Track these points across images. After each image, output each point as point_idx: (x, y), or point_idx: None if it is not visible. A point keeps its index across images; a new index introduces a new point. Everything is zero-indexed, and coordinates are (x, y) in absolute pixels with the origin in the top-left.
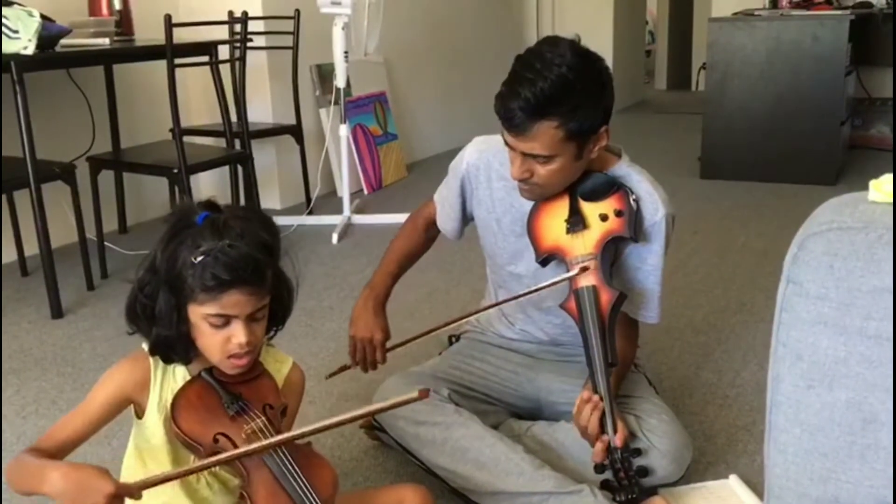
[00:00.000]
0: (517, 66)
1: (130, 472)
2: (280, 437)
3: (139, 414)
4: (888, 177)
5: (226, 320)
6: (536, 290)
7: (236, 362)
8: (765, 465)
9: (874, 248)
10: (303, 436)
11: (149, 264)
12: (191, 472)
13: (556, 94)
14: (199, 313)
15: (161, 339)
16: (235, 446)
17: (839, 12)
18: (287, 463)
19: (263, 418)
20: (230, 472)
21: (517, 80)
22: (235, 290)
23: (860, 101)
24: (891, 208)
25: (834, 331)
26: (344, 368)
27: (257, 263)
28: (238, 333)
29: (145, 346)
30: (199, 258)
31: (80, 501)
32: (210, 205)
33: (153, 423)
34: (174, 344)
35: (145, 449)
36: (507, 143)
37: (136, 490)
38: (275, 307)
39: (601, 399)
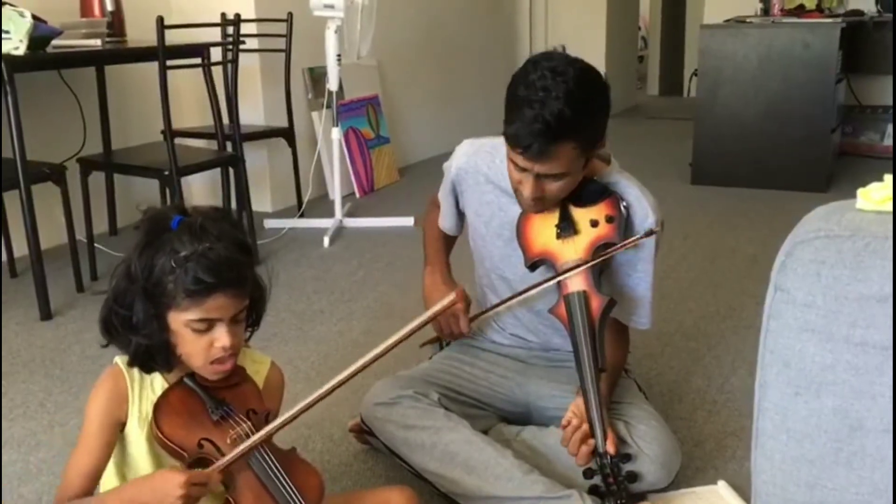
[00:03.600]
0: (521, 91)
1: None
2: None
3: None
4: (876, 185)
5: (208, 325)
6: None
7: (219, 367)
8: (752, 472)
9: (861, 256)
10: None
11: (123, 273)
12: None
13: (572, 115)
14: (181, 320)
15: (141, 348)
16: (220, 451)
17: (830, 20)
18: (272, 467)
19: (248, 423)
20: None
21: (526, 105)
22: (219, 294)
23: (850, 108)
24: (878, 216)
25: (821, 338)
26: (436, 339)
27: (239, 265)
28: (221, 337)
29: (118, 360)
30: (180, 263)
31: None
32: (180, 208)
33: (135, 437)
34: (155, 353)
35: (126, 465)
36: (517, 165)
37: (213, 473)
38: (249, 308)
39: (590, 412)
